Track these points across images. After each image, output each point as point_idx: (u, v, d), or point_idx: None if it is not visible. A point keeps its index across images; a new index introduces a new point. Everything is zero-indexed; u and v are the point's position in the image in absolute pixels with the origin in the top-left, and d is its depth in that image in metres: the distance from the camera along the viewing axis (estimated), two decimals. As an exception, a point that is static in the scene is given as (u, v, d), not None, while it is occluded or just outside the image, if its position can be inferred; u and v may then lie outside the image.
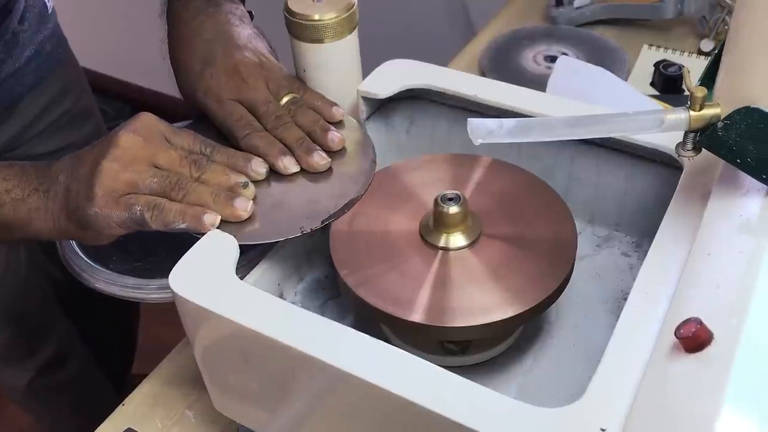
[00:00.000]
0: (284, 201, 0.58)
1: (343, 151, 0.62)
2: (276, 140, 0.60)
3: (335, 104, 0.64)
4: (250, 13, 0.69)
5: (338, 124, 0.64)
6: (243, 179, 0.57)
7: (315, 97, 0.64)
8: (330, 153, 0.61)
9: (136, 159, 0.55)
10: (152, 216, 0.54)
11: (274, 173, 0.60)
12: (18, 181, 0.57)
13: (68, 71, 0.95)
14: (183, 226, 0.54)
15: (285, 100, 0.63)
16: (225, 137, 0.62)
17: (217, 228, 0.54)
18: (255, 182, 0.58)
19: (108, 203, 0.54)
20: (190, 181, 0.55)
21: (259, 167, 0.59)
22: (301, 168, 0.60)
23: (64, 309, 1.10)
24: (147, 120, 0.58)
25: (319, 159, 0.60)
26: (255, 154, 0.59)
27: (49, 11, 0.88)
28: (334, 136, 0.61)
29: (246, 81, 0.62)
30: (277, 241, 0.57)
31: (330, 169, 0.60)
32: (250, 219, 0.56)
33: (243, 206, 0.55)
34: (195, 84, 0.63)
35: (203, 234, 0.54)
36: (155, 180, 0.55)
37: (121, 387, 1.27)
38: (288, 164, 0.59)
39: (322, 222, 0.56)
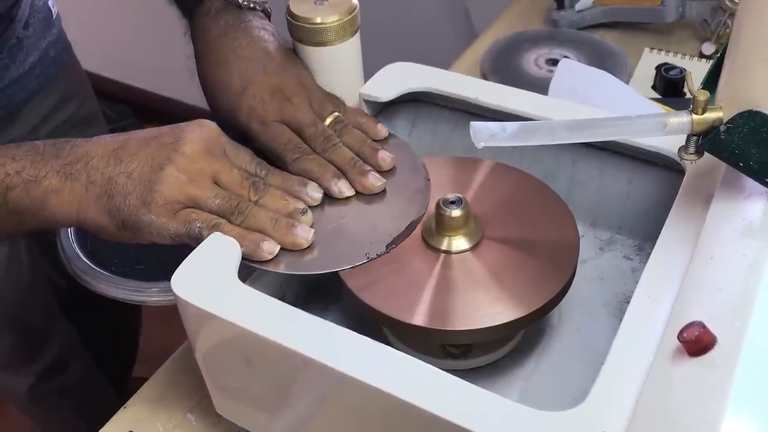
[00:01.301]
0: (342, 226, 0.56)
1: (394, 169, 0.61)
2: (328, 163, 0.59)
3: (378, 121, 0.64)
4: None
5: (383, 141, 0.63)
6: (302, 205, 0.56)
7: (357, 114, 0.63)
8: (382, 173, 0.59)
9: (202, 173, 0.54)
10: (210, 237, 0.52)
11: (326, 197, 0.58)
12: (31, 161, 0.53)
13: (72, 77, 0.95)
14: (242, 250, 0.52)
15: (329, 120, 0.62)
16: (267, 158, 0.61)
17: (276, 257, 0.53)
18: (310, 208, 0.57)
19: (167, 213, 0.52)
20: (249, 205, 0.54)
21: (314, 192, 0.57)
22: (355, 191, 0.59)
23: (65, 313, 1.10)
24: (212, 131, 0.56)
25: (375, 180, 0.58)
26: (307, 178, 0.58)
27: (54, 17, 0.88)
28: (385, 155, 0.60)
29: (290, 101, 0.61)
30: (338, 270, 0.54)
31: (384, 190, 0.59)
32: (309, 247, 0.54)
33: (304, 234, 0.54)
34: (235, 104, 0.62)
35: (257, 261, 0.53)
36: (217, 201, 0.53)
37: (122, 390, 1.27)
38: (343, 188, 0.58)
39: (388, 247, 0.54)
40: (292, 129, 0.61)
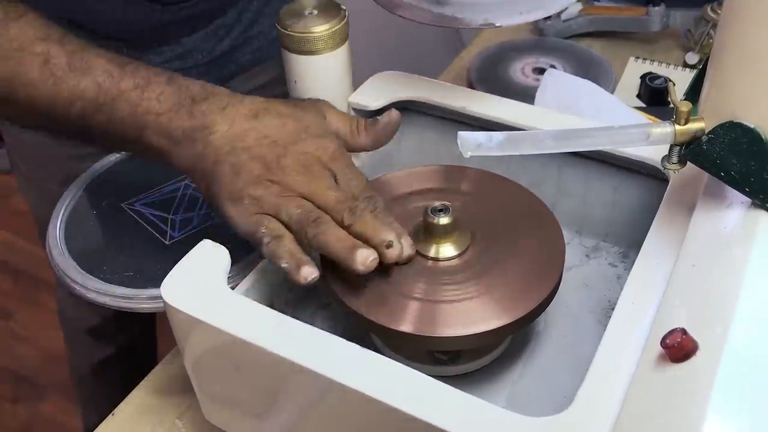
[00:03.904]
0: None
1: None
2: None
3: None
4: None
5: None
6: (390, 237, 0.52)
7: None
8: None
9: (294, 191, 0.53)
10: (268, 244, 0.52)
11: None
12: (168, 109, 0.54)
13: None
14: (285, 266, 0.51)
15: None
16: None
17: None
18: None
19: (244, 213, 0.53)
20: (330, 223, 0.52)
21: (407, 246, 0.54)
22: None
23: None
24: (326, 148, 0.55)
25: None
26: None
27: None
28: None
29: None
30: None
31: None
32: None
33: (361, 259, 0.50)
34: None
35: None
36: (298, 211, 0.52)
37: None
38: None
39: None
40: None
